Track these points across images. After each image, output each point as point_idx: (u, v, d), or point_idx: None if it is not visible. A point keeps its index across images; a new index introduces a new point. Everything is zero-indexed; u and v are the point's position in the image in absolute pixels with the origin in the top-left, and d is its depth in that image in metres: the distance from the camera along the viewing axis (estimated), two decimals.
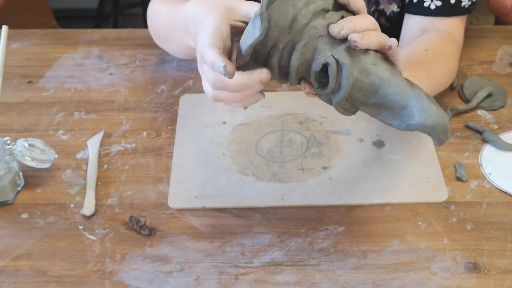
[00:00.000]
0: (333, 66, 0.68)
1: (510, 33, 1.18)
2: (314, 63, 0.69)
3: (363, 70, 0.69)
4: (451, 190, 0.89)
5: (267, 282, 0.78)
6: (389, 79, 0.69)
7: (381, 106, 0.70)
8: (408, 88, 0.69)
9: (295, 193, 0.88)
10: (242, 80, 0.70)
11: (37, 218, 0.86)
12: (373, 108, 0.71)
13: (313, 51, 0.69)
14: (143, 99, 1.05)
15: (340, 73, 0.68)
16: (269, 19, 0.67)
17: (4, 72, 0.88)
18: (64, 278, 0.79)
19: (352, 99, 0.71)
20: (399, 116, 0.70)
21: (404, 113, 0.69)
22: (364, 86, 0.69)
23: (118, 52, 1.15)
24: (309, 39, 0.68)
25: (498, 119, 0.99)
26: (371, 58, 0.69)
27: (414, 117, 0.68)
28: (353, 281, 0.78)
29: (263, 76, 0.69)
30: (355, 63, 0.68)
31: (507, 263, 0.80)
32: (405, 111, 0.69)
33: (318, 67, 0.69)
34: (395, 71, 0.70)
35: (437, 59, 0.95)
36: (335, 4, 0.70)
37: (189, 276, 0.79)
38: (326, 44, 0.68)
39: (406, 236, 0.83)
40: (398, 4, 1.07)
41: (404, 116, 0.69)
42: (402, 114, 0.69)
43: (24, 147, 0.87)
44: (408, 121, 0.69)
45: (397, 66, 0.71)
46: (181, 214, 0.86)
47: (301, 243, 0.82)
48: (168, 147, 0.96)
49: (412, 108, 0.69)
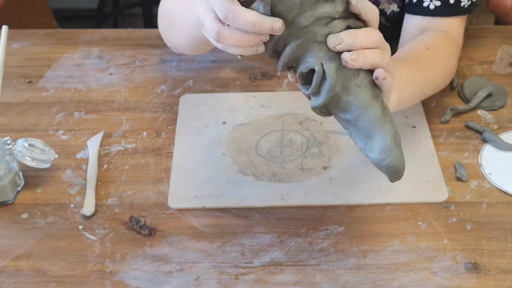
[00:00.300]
0: (319, 75, 0.68)
1: (510, 33, 1.18)
2: (302, 65, 0.69)
3: (346, 88, 0.69)
4: (451, 190, 0.89)
5: (267, 282, 0.78)
6: (365, 106, 0.69)
7: (352, 124, 0.71)
8: (380, 121, 0.69)
9: (295, 193, 0.88)
10: (255, 19, 0.67)
11: (37, 218, 0.86)
12: (345, 122, 0.72)
13: (306, 52, 0.69)
14: (143, 99, 1.05)
15: (323, 83, 0.69)
16: (274, 7, 0.67)
17: (4, 72, 0.88)
18: (64, 278, 0.79)
19: (328, 106, 0.71)
20: (364, 141, 0.71)
21: (368, 141, 0.70)
22: (341, 102, 0.69)
23: (118, 52, 1.15)
24: (306, 41, 0.68)
25: (498, 119, 1.00)
26: (358, 80, 0.69)
27: (374, 151, 0.69)
28: (353, 281, 0.78)
29: (276, 25, 0.67)
30: (340, 79, 0.68)
31: (507, 263, 0.80)
32: (369, 141, 0.70)
33: (305, 70, 0.69)
34: (376, 98, 0.70)
35: (436, 59, 0.95)
36: (346, 10, 0.69)
37: (189, 276, 0.79)
38: (320, 51, 0.68)
39: (406, 236, 0.83)
40: (398, 4, 1.07)
41: (367, 144, 0.70)
42: (367, 141, 0.70)
43: (24, 147, 0.87)
44: (369, 152, 0.70)
45: (382, 93, 0.71)
46: (181, 214, 0.86)
47: (301, 243, 0.82)
48: (168, 147, 0.96)
49: (375, 142, 0.69)
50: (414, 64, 0.92)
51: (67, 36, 1.20)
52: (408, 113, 1.00)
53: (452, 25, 1.01)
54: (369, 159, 0.71)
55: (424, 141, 0.96)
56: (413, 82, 0.89)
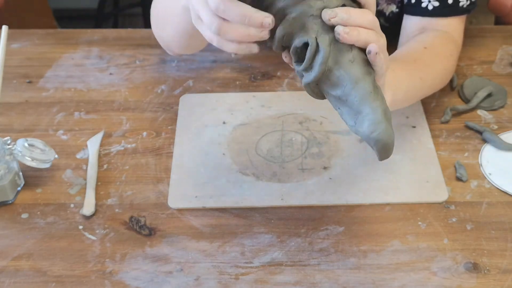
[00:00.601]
0: (312, 47, 0.69)
1: (510, 33, 1.18)
2: (297, 39, 0.70)
3: (338, 63, 0.69)
4: (451, 190, 0.89)
5: (267, 282, 0.78)
6: (357, 81, 0.69)
7: (343, 102, 0.71)
8: (371, 96, 0.70)
9: (295, 193, 0.88)
10: (245, 11, 0.68)
11: (37, 218, 0.86)
12: (336, 101, 0.72)
13: (301, 27, 0.69)
14: (143, 99, 1.05)
15: (316, 56, 0.69)
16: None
17: (4, 72, 0.88)
18: (64, 278, 0.79)
19: (320, 84, 0.72)
20: (354, 118, 0.71)
21: (358, 117, 0.70)
22: (333, 77, 0.70)
23: (118, 52, 1.15)
24: (301, 14, 0.68)
25: (498, 119, 1.00)
26: (351, 55, 0.69)
27: (363, 125, 0.70)
28: (353, 281, 0.78)
29: (267, 20, 0.68)
30: (333, 53, 0.69)
31: (507, 263, 0.80)
32: (359, 116, 0.70)
33: (299, 44, 0.70)
34: (368, 75, 0.70)
35: (434, 59, 0.95)
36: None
37: (189, 276, 0.79)
38: (314, 25, 0.69)
39: (406, 236, 0.83)
40: (397, 5, 1.07)
41: (357, 120, 0.71)
42: (357, 117, 0.70)
43: (24, 147, 0.87)
44: (358, 126, 0.70)
45: (374, 71, 0.71)
46: (181, 214, 0.86)
47: (301, 243, 0.82)
48: (168, 147, 0.96)
49: (365, 116, 0.70)
50: (411, 64, 0.92)
51: (67, 36, 1.20)
52: (408, 113, 1.00)
53: (451, 25, 1.01)
54: (359, 134, 0.71)
55: (424, 141, 0.96)
56: (409, 82, 0.90)
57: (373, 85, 0.70)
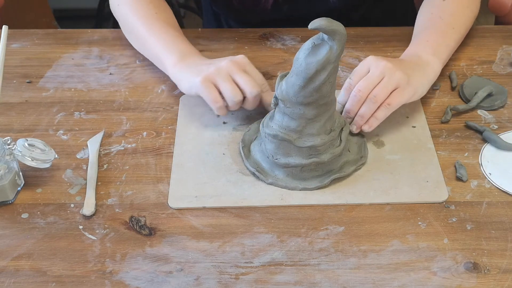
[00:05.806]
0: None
1: (510, 33, 1.18)
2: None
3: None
4: (451, 190, 0.89)
5: (267, 282, 0.78)
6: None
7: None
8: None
9: (295, 193, 0.88)
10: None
11: (37, 218, 0.86)
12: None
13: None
14: (143, 99, 1.05)
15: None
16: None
17: (4, 72, 0.88)
18: (64, 278, 0.79)
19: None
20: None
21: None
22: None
23: (118, 52, 1.15)
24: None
25: (498, 119, 1.00)
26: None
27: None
28: (353, 281, 0.78)
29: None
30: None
31: (507, 263, 0.80)
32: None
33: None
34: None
35: (455, 4, 1.05)
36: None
37: (189, 276, 0.79)
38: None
39: (406, 236, 0.83)
40: None
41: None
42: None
43: (24, 147, 0.87)
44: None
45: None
46: (181, 214, 0.87)
47: (301, 243, 0.82)
48: (168, 147, 0.96)
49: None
50: (440, 24, 1.01)
51: (67, 36, 1.20)
52: (408, 113, 1.00)
53: None
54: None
55: (424, 141, 0.96)
56: (446, 39, 1.00)
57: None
